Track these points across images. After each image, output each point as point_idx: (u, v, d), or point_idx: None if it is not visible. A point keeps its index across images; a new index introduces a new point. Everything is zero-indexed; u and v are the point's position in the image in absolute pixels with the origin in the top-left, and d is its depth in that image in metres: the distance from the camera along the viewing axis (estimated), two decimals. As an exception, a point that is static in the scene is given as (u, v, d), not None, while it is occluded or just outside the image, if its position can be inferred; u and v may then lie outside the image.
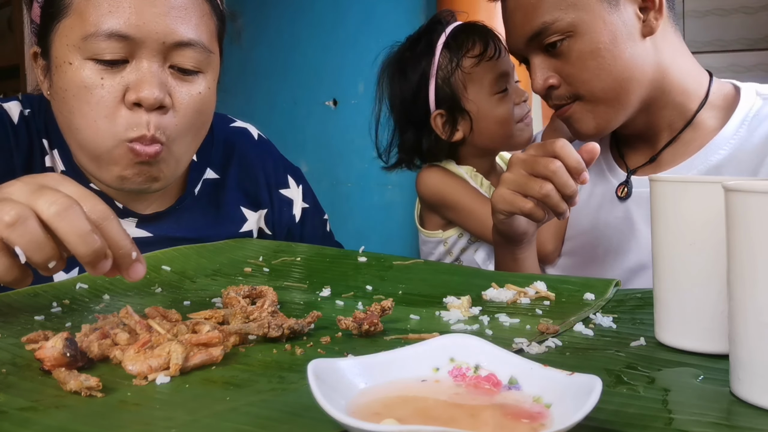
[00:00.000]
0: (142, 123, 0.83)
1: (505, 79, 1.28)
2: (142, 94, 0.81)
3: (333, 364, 0.43)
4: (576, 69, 0.98)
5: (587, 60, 0.97)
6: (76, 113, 0.84)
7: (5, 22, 3.10)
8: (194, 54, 0.86)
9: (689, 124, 1.02)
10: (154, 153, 0.84)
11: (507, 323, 0.64)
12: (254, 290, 0.71)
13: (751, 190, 0.43)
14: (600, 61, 0.97)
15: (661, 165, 1.05)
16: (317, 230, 1.14)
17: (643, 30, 0.98)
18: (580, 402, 0.38)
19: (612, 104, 1.00)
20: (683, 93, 1.02)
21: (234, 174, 1.06)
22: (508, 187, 0.90)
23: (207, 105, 0.90)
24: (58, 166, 0.94)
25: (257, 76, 3.14)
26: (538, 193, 0.86)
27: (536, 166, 0.86)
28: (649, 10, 0.97)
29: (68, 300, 0.71)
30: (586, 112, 1.01)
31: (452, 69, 1.28)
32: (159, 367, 0.50)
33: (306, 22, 3.04)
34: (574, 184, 0.85)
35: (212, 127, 1.05)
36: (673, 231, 0.56)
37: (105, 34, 0.80)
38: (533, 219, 0.90)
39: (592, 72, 0.98)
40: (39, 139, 0.93)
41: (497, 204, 0.92)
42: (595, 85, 0.98)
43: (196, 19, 0.86)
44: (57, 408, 0.44)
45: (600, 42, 0.96)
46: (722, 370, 0.50)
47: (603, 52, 0.96)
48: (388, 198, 2.86)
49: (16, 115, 0.92)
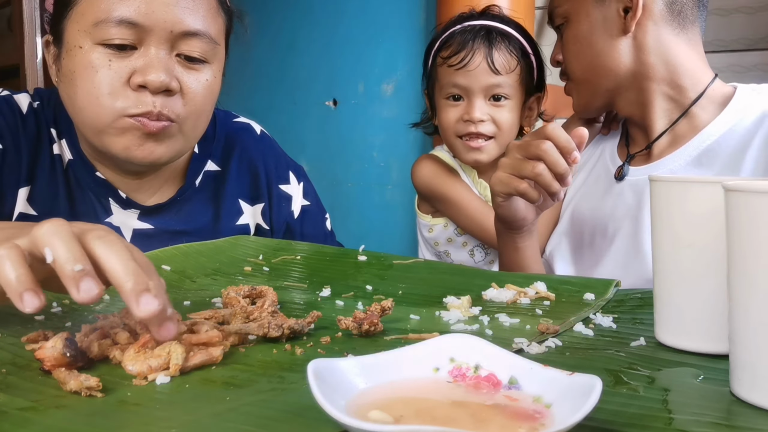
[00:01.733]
0: (147, 102, 0.86)
1: (460, 89, 1.29)
2: (148, 77, 0.85)
3: (333, 364, 0.43)
4: (565, 51, 1.16)
5: (570, 44, 1.14)
6: (80, 92, 0.87)
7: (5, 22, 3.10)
8: (201, 44, 0.89)
9: (683, 115, 1.10)
10: (162, 127, 0.87)
11: (507, 323, 0.64)
12: (254, 290, 0.71)
13: (751, 190, 0.43)
14: (578, 47, 1.13)
15: (654, 153, 1.13)
16: (318, 228, 1.14)
17: (621, 27, 1.08)
18: (580, 402, 0.38)
19: (587, 86, 1.15)
20: (676, 88, 1.09)
21: (234, 167, 1.08)
22: (504, 170, 0.96)
23: (213, 93, 0.94)
24: (66, 155, 0.97)
25: (257, 76, 3.14)
26: (531, 173, 0.91)
27: (529, 148, 0.92)
28: (630, 11, 1.07)
29: (68, 300, 0.71)
30: (573, 90, 1.19)
31: (434, 60, 1.36)
32: (159, 367, 0.50)
33: (306, 22, 3.04)
34: (564, 163, 0.90)
35: (215, 121, 1.08)
36: (673, 231, 0.56)
37: (115, 21, 0.84)
38: (528, 199, 0.95)
39: (572, 55, 1.15)
40: (47, 128, 0.97)
41: (495, 186, 0.98)
42: (574, 66, 1.15)
43: (204, 11, 0.89)
44: (57, 408, 0.44)
45: (580, 30, 1.12)
46: (722, 370, 0.50)
47: (581, 39, 1.12)
48: (388, 198, 2.86)
49: (25, 105, 0.96)
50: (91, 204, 0.97)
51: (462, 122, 1.29)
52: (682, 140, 1.10)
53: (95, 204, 0.97)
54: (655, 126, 1.12)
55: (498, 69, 1.26)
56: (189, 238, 0.96)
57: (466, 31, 1.31)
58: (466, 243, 1.38)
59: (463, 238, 1.38)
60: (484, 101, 1.28)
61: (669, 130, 1.11)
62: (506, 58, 1.27)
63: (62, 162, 0.97)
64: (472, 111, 1.28)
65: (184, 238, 0.96)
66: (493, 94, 1.28)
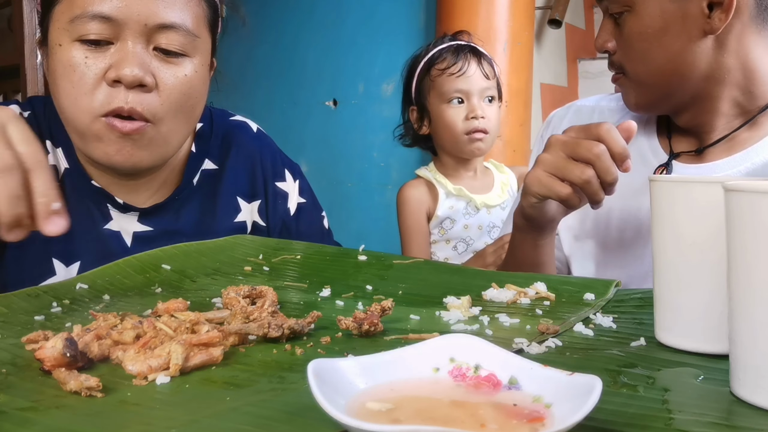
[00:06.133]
0: (120, 98, 0.85)
1: (462, 93, 1.61)
2: (121, 71, 0.84)
3: (333, 364, 0.43)
4: (626, 45, 0.96)
5: (634, 40, 0.95)
6: (61, 92, 0.87)
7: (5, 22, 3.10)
8: (178, 37, 0.88)
9: (747, 122, 0.97)
10: (136, 128, 0.86)
11: (507, 323, 0.64)
12: (254, 290, 0.71)
13: (751, 190, 0.43)
14: (645, 46, 0.93)
15: (705, 156, 1.00)
16: (314, 226, 1.15)
17: (705, 27, 0.91)
18: (580, 402, 0.38)
19: (653, 90, 0.97)
20: (747, 94, 0.96)
21: (231, 164, 1.07)
22: (545, 169, 0.85)
23: (194, 88, 0.92)
24: (62, 165, 0.96)
25: (257, 76, 3.14)
26: (578, 178, 0.81)
27: (578, 149, 0.82)
28: (716, 8, 0.90)
29: (68, 300, 0.71)
30: (630, 88, 1.00)
31: (424, 75, 1.65)
32: (159, 367, 0.50)
33: (306, 22, 3.04)
34: (616, 170, 0.81)
35: (212, 120, 1.07)
36: (673, 231, 0.56)
37: (90, 16, 0.84)
38: (568, 206, 0.86)
39: (637, 53, 0.95)
40: (42, 139, 0.95)
41: (531, 186, 0.87)
42: (638, 66, 0.96)
43: (181, 3, 0.88)
44: (57, 408, 0.44)
45: (650, 27, 0.92)
46: (722, 370, 0.50)
47: (650, 38, 0.93)
48: (388, 198, 2.86)
49: None
50: (89, 211, 0.96)
51: (467, 120, 1.60)
52: (738, 146, 0.97)
53: (94, 211, 0.96)
54: (713, 130, 0.99)
55: (487, 75, 1.61)
56: (188, 237, 0.96)
57: (455, 48, 1.63)
58: (449, 240, 1.67)
59: (446, 236, 1.67)
60: (480, 102, 1.60)
61: (729, 136, 0.98)
62: (489, 68, 1.63)
63: (58, 172, 0.96)
64: (475, 109, 1.59)
65: (184, 237, 0.96)
66: (486, 95, 1.62)
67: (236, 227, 1.06)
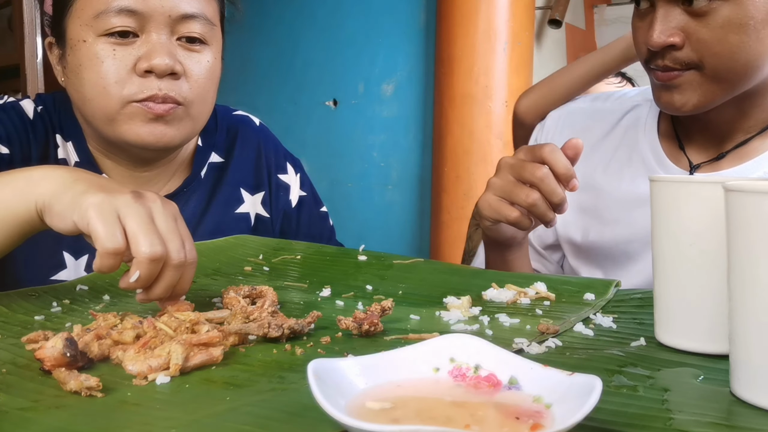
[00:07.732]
0: (153, 87, 0.88)
1: None
2: (153, 61, 0.87)
3: (333, 364, 0.43)
4: (714, 38, 0.85)
5: (731, 32, 0.84)
6: (87, 84, 0.89)
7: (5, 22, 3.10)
8: (199, 26, 0.92)
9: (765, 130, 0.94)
10: (169, 109, 0.89)
11: (507, 323, 0.64)
12: (254, 290, 0.71)
13: (751, 190, 0.43)
14: (743, 38, 0.84)
15: (718, 165, 0.97)
16: (314, 219, 1.17)
17: None
18: (580, 402, 0.38)
19: (728, 88, 0.88)
20: None
21: (236, 157, 1.10)
22: (495, 193, 0.87)
23: (215, 75, 0.97)
24: (72, 158, 0.98)
25: (257, 76, 3.14)
26: (524, 202, 0.83)
27: (523, 172, 0.83)
28: None
29: (68, 300, 0.71)
30: (697, 85, 0.88)
31: None
32: (159, 367, 0.50)
33: (306, 22, 3.04)
34: (561, 191, 0.83)
35: (216, 114, 1.11)
36: (673, 231, 0.56)
37: (115, 10, 0.87)
38: (519, 228, 0.88)
39: (728, 47, 0.84)
40: (53, 133, 0.98)
41: (483, 210, 0.89)
42: (724, 62, 0.85)
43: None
44: (57, 408, 0.44)
45: (752, 18, 0.83)
46: (722, 370, 0.50)
47: (750, 30, 0.83)
48: (388, 198, 2.86)
49: (30, 111, 0.98)
50: None
51: None
52: (750, 154, 0.95)
53: None
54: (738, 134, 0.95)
55: None
56: (192, 227, 0.96)
57: None
58: None
59: None
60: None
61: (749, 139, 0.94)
62: None
63: (68, 165, 0.97)
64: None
65: (189, 227, 0.96)
66: None
67: (238, 218, 1.08)
